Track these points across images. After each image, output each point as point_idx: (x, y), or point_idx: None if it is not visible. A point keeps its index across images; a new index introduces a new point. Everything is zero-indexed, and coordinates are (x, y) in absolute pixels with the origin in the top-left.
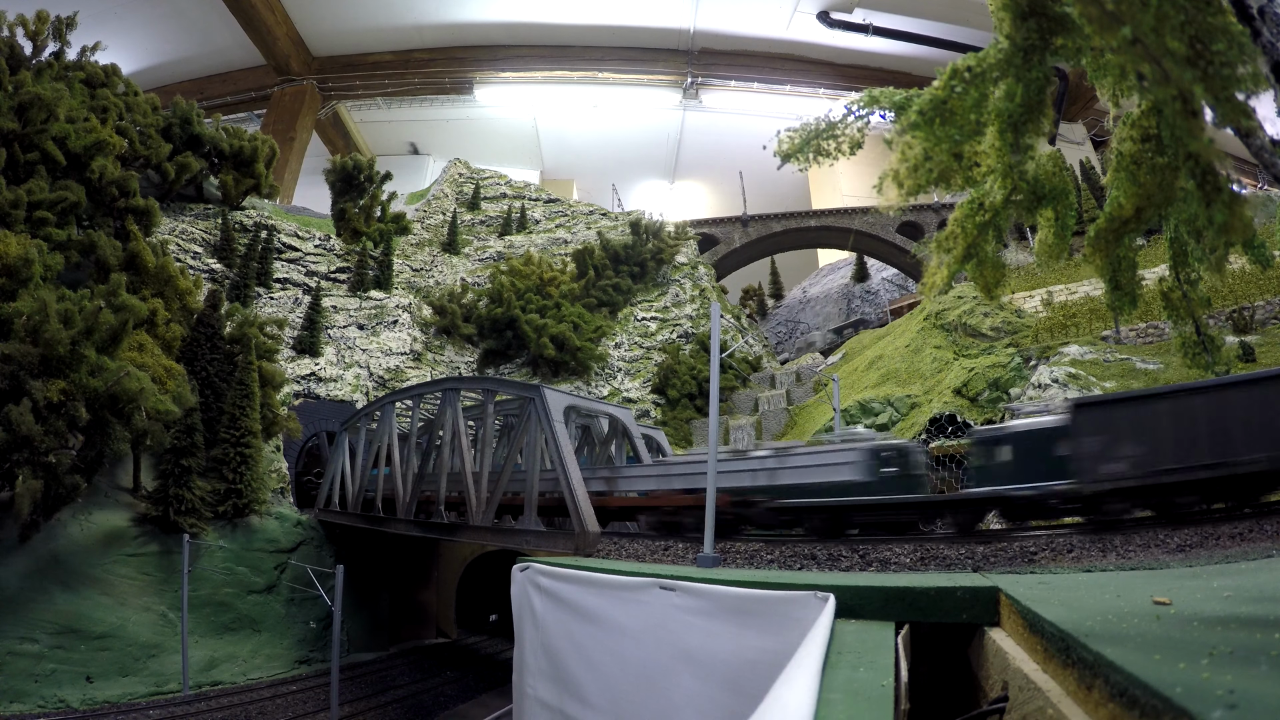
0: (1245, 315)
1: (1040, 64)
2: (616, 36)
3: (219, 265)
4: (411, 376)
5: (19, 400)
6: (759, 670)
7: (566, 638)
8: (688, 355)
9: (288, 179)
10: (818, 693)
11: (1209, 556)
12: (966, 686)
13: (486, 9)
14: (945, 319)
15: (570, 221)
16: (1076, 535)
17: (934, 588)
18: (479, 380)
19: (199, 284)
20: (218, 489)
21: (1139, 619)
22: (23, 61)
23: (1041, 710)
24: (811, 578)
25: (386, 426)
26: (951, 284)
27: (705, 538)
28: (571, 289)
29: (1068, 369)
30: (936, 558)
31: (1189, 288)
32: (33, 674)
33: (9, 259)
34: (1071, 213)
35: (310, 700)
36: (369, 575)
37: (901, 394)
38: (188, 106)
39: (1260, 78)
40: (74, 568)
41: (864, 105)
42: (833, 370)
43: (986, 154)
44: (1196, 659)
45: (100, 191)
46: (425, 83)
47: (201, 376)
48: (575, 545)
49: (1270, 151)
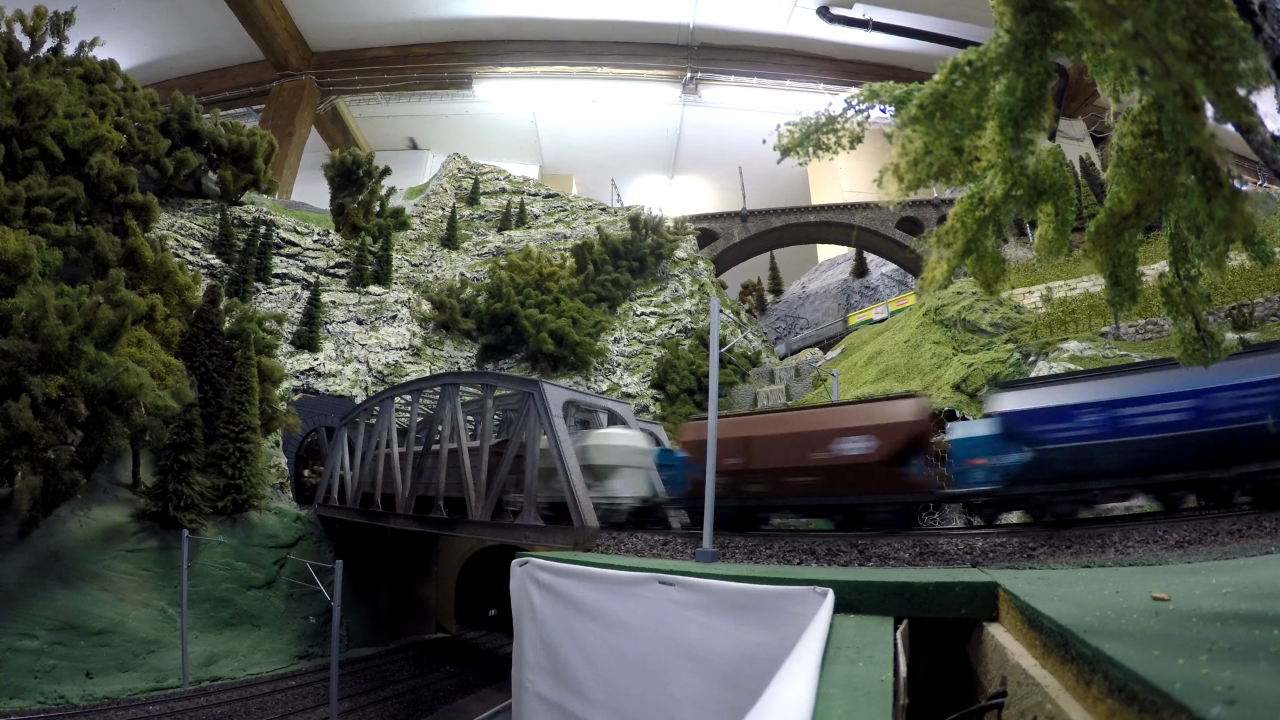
0: (1245, 312)
1: (1041, 59)
2: (616, 31)
3: (218, 261)
4: (410, 371)
5: (18, 396)
6: (758, 665)
7: (565, 632)
8: (687, 350)
9: (286, 174)
10: (817, 687)
11: (1208, 553)
12: (965, 681)
13: (485, 4)
14: (945, 314)
15: (569, 216)
16: (1075, 531)
17: (933, 583)
18: (478, 375)
19: (198, 279)
20: (217, 484)
21: (1138, 615)
22: (21, 57)
23: (1040, 705)
24: (810, 573)
25: (386, 422)
26: (951, 279)
27: (704, 532)
28: (571, 284)
29: (1067, 365)
30: (936, 553)
31: (1189, 284)
32: (32, 670)
33: (7, 255)
34: (1072, 208)
35: (310, 695)
36: (368, 570)
37: (900, 389)
38: (186, 102)
39: (1261, 73)
40: (73, 564)
41: (864, 100)
42: (832, 365)
43: (987, 149)
44: (1195, 655)
45: (99, 187)
46: (424, 78)
47: (200, 372)
48: (574, 540)
49: (1271, 147)
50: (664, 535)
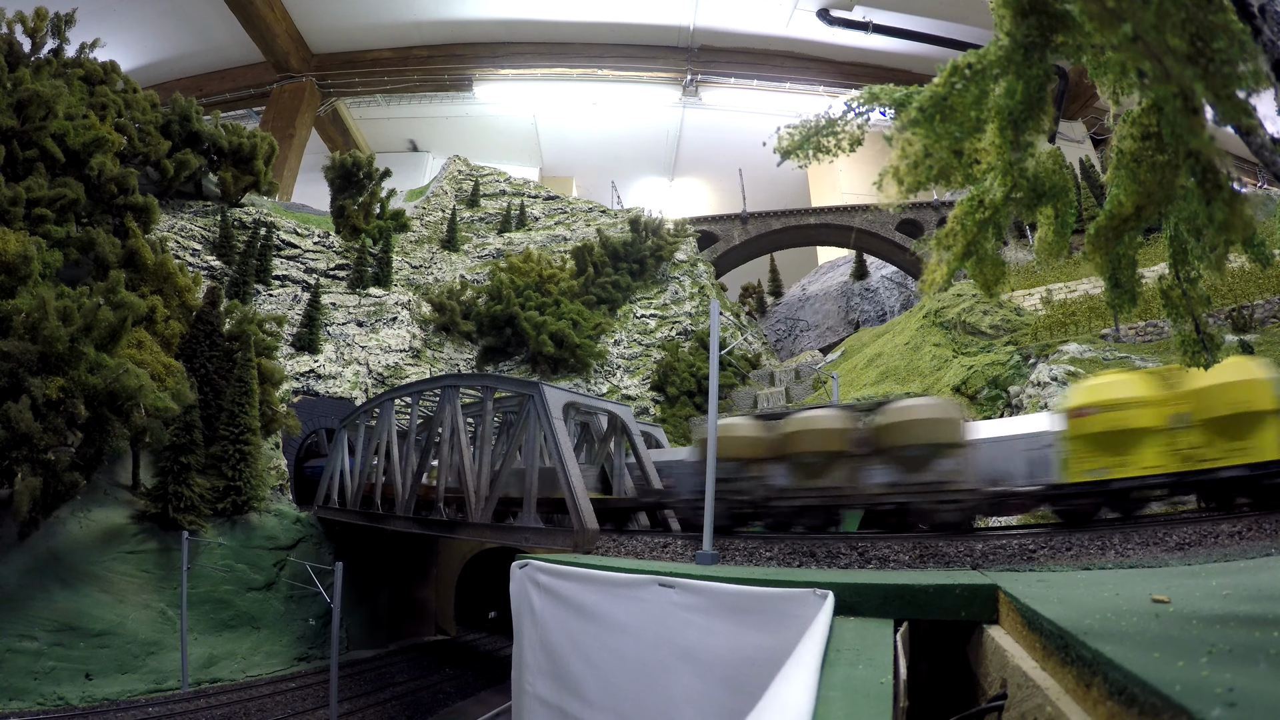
0: (1245, 314)
1: (1041, 61)
2: (616, 34)
3: (218, 262)
4: (410, 374)
5: (18, 397)
6: (758, 667)
7: (565, 635)
8: (687, 352)
9: (287, 176)
10: (816, 690)
11: (1208, 555)
12: (965, 684)
13: (486, 6)
14: (944, 317)
15: (569, 219)
16: (1075, 533)
17: (933, 585)
18: (478, 377)
19: (198, 281)
20: (217, 486)
21: (1138, 617)
22: (21, 58)
23: (1040, 708)
24: (810, 575)
25: (386, 423)
26: (951, 281)
27: (704, 535)
28: (571, 286)
29: (1067, 367)
30: (935, 555)
31: (1189, 286)
32: (32, 671)
33: (8, 256)
34: (1071, 210)
35: (309, 697)
36: (368, 572)
37: (900, 391)
38: (187, 103)
39: (1261, 75)
40: (73, 565)
41: (864, 102)
42: (832, 368)
43: (987, 151)
44: (1195, 657)
45: (99, 189)
46: (424, 80)
47: (200, 373)
48: (574, 542)
49: (1270, 150)
50: (664, 538)
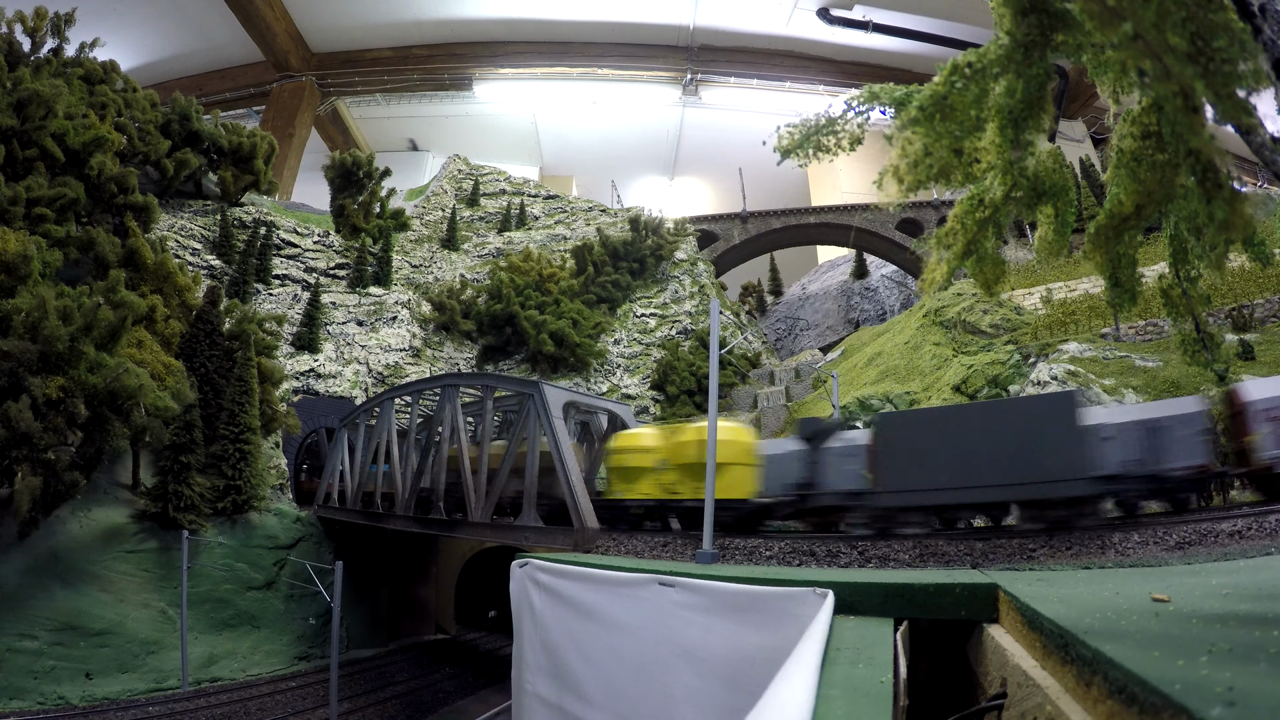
0: (1245, 313)
1: (1041, 60)
2: (616, 33)
3: (218, 262)
4: (410, 373)
5: (18, 397)
6: (757, 666)
7: (565, 633)
8: (687, 351)
9: (287, 175)
10: (816, 689)
11: (1208, 554)
12: (965, 683)
13: (486, 5)
14: (944, 316)
15: (569, 218)
16: (1075, 532)
17: (933, 584)
18: (478, 376)
19: (198, 280)
20: (217, 485)
21: (1138, 616)
22: (21, 58)
23: (1040, 707)
24: (810, 574)
25: (386, 423)
26: (951, 280)
27: (704, 534)
28: (571, 285)
29: (1067, 366)
30: (936, 554)
31: (1189, 285)
32: (32, 671)
33: (8, 256)
34: (1071, 209)
35: (309, 696)
36: (368, 571)
37: (900, 390)
38: (186, 103)
39: (1261, 75)
40: (73, 564)
41: (864, 101)
42: (832, 367)
43: (987, 150)
44: (1195, 656)
45: (99, 188)
46: (424, 79)
47: (200, 373)
48: (574, 541)
49: (1270, 149)
50: (664, 537)
